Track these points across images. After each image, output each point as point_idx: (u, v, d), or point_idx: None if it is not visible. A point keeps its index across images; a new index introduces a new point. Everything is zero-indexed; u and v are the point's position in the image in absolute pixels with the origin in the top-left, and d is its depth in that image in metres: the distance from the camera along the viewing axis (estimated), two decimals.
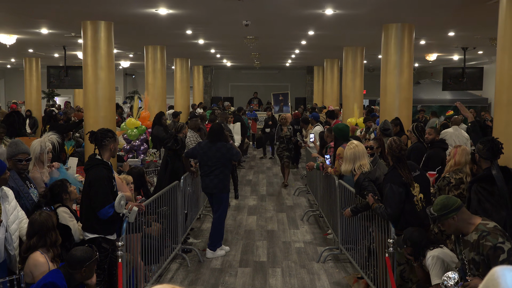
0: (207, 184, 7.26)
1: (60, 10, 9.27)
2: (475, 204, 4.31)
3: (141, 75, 27.32)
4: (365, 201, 5.53)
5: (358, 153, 5.72)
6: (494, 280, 1.56)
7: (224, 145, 7.25)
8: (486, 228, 3.62)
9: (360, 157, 5.70)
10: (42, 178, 5.56)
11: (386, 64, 10.21)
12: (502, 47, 6.12)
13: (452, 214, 3.68)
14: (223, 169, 7.20)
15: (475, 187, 4.37)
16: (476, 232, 3.64)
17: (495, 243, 3.50)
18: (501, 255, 3.45)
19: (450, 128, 10.69)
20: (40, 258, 4.17)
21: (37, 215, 4.31)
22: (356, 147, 5.77)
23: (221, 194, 7.25)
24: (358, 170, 5.66)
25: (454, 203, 3.71)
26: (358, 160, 5.69)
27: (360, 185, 5.60)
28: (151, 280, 5.89)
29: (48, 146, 5.69)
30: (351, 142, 5.94)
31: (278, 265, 6.90)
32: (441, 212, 3.70)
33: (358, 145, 5.82)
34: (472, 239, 3.66)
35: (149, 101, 13.24)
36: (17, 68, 24.32)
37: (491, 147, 4.52)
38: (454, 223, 3.70)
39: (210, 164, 7.18)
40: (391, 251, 5.00)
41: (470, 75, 13.53)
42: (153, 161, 9.95)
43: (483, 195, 4.18)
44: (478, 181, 4.40)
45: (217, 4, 8.52)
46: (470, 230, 3.69)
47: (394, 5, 8.62)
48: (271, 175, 14.05)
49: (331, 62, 18.39)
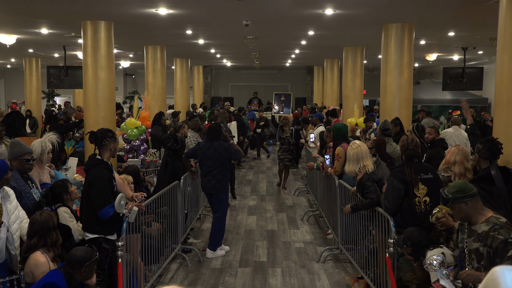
0: (205, 184, 7.28)
1: (60, 10, 9.27)
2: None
3: (141, 75, 27.32)
4: (366, 201, 5.54)
5: (361, 153, 5.75)
6: (494, 280, 1.56)
7: (221, 144, 7.25)
8: (499, 222, 3.62)
9: (364, 157, 5.74)
10: (40, 178, 5.56)
11: (386, 64, 10.21)
12: (502, 47, 6.12)
13: (466, 199, 3.67)
14: (221, 169, 7.18)
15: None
16: (487, 224, 3.63)
17: (507, 237, 3.51)
18: (510, 250, 3.47)
19: (450, 128, 10.70)
20: (41, 258, 4.17)
21: (38, 215, 4.31)
22: (358, 147, 5.79)
23: (220, 194, 7.25)
24: (362, 170, 5.70)
25: (471, 189, 3.70)
26: (361, 160, 5.73)
27: (363, 185, 5.63)
28: (151, 280, 5.89)
29: (49, 147, 5.68)
30: (353, 142, 5.96)
31: (278, 265, 6.90)
32: (457, 195, 3.68)
33: (361, 145, 5.84)
34: (481, 229, 3.65)
35: (149, 101, 13.24)
36: (17, 68, 24.32)
37: (491, 147, 4.52)
38: (465, 209, 3.69)
39: (208, 164, 7.19)
40: (391, 251, 5.00)
41: (470, 75, 13.52)
42: (153, 161, 9.95)
43: (481, 195, 4.17)
44: (477, 181, 4.39)
45: (217, 4, 8.52)
46: (479, 220, 3.69)
47: (394, 5, 8.63)
48: (271, 175, 14.04)
49: (331, 62, 18.39)
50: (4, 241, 4.30)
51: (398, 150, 7.79)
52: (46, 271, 4.08)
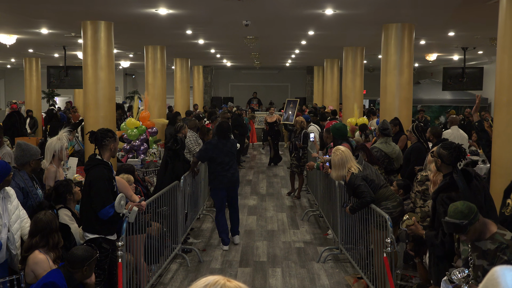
0: (229, 178, 7.57)
1: (60, 10, 9.27)
2: (441, 215, 4.17)
3: (141, 75, 27.32)
4: (359, 201, 5.67)
5: (345, 157, 5.83)
6: (494, 280, 1.56)
7: (235, 141, 7.96)
8: (505, 240, 3.52)
9: (348, 160, 5.82)
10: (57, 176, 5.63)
11: (386, 64, 10.21)
12: (502, 47, 6.12)
13: (477, 216, 3.58)
14: (236, 163, 7.82)
15: (440, 198, 4.23)
16: (493, 242, 3.53)
17: (510, 258, 3.43)
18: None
19: (449, 129, 10.71)
20: (39, 255, 4.18)
21: (42, 214, 4.32)
22: (342, 153, 5.87)
23: (238, 185, 7.94)
24: (348, 173, 5.78)
25: (473, 206, 3.60)
26: (346, 164, 5.82)
27: (354, 186, 5.70)
28: (151, 280, 5.90)
29: (65, 143, 5.72)
30: (336, 149, 6.00)
31: (278, 265, 6.90)
32: (470, 216, 3.54)
33: (344, 151, 5.92)
34: (486, 247, 3.56)
35: (149, 101, 13.24)
36: (17, 68, 24.31)
37: (457, 155, 4.26)
38: (478, 227, 3.58)
39: (227, 160, 7.55)
40: (389, 251, 5.01)
41: (470, 75, 13.52)
42: (153, 161, 9.95)
43: (447, 204, 4.03)
44: (443, 191, 4.26)
45: (217, 4, 8.52)
46: (485, 236, 3.59)
47: (394, 5, 8.62)
48: (271, 175, 14.04)
49: (331, 62, 18.39)
50: (5, 240, 4.31)
51: (397, 150, 7.80)
52: (47, 269, 4.08)
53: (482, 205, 4.14)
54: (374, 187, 5.71)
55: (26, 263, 4.20)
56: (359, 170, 5.75)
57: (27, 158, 5.22)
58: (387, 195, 5.72)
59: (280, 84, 27.57)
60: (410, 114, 10.42)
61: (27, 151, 5.26)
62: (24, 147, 5.31)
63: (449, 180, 4.23)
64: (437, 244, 4.15)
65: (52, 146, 5.67)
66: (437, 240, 4.15)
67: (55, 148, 5.65)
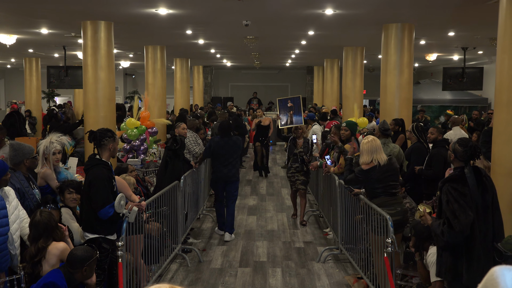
0: (226, 173, 8.04)
1: (60, 10, 9.26)
2: (444, 204, 4.22)
3: (141, 75, 27.30)
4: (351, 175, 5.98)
5: (375, 147, 5.69)
6: (493, 280, 1.55)
7: (238, 138, 8.33)
8: None
9: (377, 150, 5.69)
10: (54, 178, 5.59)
11: (386, 64, 10.21)
12: (502, 47, 6.12)
13: None
14: (236, 160, 8.21)
15: (446, 187, 4.27)
16: None
17: None
18: None
19: (451, 130, 10.68)
20: (59, 244, 4.25)
21: (38, 215, 4.30)
22: (373, 141, 5.74)
23: (237, 181, 8.27)
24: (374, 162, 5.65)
25: None
26: (374, 153, 5.67)
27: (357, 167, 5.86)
28: (151, 280, 5.89)
29: (56, 147, 5.61)
30: (367, 136, 5.94)
31: (278, 265, 6.90)
32: None
33: (375, 140, 5.80)
34: None
35: (149, 101, 13.23)
36: (17, 68, 24.31)
37: (472, 154, 4.28)
38: None
39: (227, 157, 8.01)
40: (389, 251, 5.00)
41: (470, 75, 13.52)
42: (153, 161, 9.94)
43: (453, 195, 4.07)
44: (450, 181, 4.30)
45: (217, 4, 8.52)
46: None
47: (394, 5, 8.62)
48: (271, 175, 14.04)
49: (331, 62, 18.38)
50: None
51: (396, 151, 7.77)
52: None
53: (488, 204, 4.18)
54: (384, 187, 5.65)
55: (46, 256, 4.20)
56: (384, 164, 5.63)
57: (20, 157, 5.19)
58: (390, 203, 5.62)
59: (280, 84, 27.56)
60: (410, 114, 10.42)
61: (20, 150, 5.22)
62: (17, 146, 5.28)
63: (459, 173, 4.27)
64: (439, 234, 4.17)
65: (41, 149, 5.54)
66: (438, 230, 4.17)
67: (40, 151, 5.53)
